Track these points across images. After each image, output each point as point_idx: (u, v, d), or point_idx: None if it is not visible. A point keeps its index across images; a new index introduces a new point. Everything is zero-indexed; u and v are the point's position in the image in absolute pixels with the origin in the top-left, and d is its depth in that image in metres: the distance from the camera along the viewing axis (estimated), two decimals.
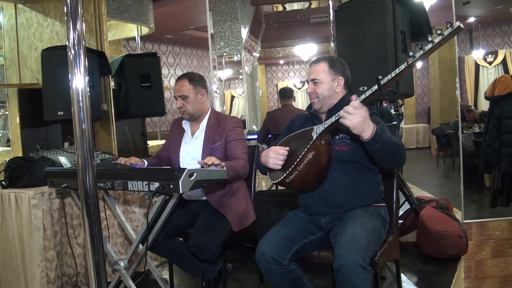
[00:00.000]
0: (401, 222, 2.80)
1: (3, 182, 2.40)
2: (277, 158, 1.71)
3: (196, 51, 9.23)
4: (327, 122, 1.61)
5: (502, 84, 3.76)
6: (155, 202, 1.76)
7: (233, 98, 11.55)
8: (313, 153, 1.63)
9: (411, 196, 2.90)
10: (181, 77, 2.18)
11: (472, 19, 7.90)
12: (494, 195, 3.93)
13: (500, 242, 3.41)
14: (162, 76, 4.05)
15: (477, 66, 8.73)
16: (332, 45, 4.09)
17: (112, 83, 3.45)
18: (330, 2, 4.13)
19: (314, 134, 1.65)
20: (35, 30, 3.37)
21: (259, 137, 4.34)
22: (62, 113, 2.67)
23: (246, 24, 6.11)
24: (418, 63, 1.42)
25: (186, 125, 2.25)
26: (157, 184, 1.60)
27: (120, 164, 2.04)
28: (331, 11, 4.07)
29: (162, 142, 2.85)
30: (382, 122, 1.74)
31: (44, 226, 2.23)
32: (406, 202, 2.93)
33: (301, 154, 1.62)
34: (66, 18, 1.11)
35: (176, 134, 2.29)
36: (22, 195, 2.23)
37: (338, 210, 1.76)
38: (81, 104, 1.12)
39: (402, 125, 9.19)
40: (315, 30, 9.16)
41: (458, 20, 1.37)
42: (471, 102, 8.54)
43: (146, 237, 1.84)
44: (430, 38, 1.35)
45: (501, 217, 3.54)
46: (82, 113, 1.12)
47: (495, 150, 3.85)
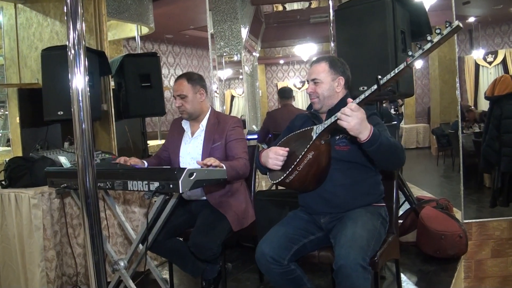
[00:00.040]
0: (401, 222, 2.80)
1: (3, 182, 2.39)
2: (276, 158, 1.71)
3: (196, 51, 9.23)
4: (327, 123, 1.62)
5: (502, 84, 3.76)
6: (155, 202, 1.76)
7: (233, 98, 11.56)
8: (312, 153, 1.63)
9: (411, 196, 2.90)
10: (180, 76, 2.19)
11: (472, 19, 7.90)
12: (494, 195, 3.93)
13: (500, 242, 3.41)
14: (162, 76, 4.06)
15: (477, 66, 8.73)
16: (332, 45, 4.09)
17: (112, 83, 3.45)
18: (330, 2, 4.13)
19: (314, 134, 1.65)
20: (35, 30, 3.37)
21: (259, 137, 4.34)
22: (62, 113, 2.67)
23: (246, 24, 6.11)
24: (417, 63, 1.42)
25: (186, 124, 2.25)
26: (157, 183, 1.61)
27: (120, 164, 2.04)
28: (331, 11, 4.07)
29: (162, 142, 2.85)
30: (382, 122, 1.75)
31: (44, 226, 2.23)
32: (406, 202, 2.92)
33: (300, 154, 1.62)
34: (66, 18, 1.11)
35: (176, 134, 2.29)
36: (22, 195, 2.23)
37: (338, 210, 1.76)
38: (81, 104, 1.12)
39: (402, 125, 9.18)
40: (315, 30, 9.16)
41: (458, 20, 1.37)
42: (471, 102, 8.55)
43: (146, 237, 1.85)
44: (429, 38, 1.35)
45: (501, 217, 3.54)
46: (82, 113, 1.12)
47: (495, 150, 3.85)
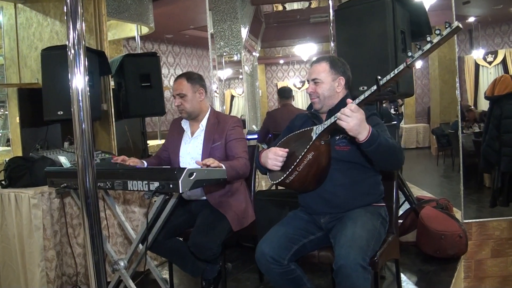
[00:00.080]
0: (401, 222, 2.80)
1: (3, 182, 2.39)
2: (276, 159, 1.71)
3: (196, 51, 9.23)
4: (326, 123, 1.61)
5: (502, 84, 3.76)
6: (155, 201, 1.76)
7: (233, 97, 11.56)
8: (312, 153, 1.62)
9: (411, 195, 2.89)
10: (179, 76, 2.19)
11: (472, 19, 7.90)
12: (494, 195, 3.93)
13: (500, 242, 3.42)
14: (162, 75, 4.06)
15: (477, 66, 8.73)
16: (332, 45, 4.09)
17: (112, 83, 3.45)
18: (330, 2, 4.13)
19: (314, 135, 1.64)
20: (35, 29, 3.37)
21: (259, 137, 4.34)
22: (62, 112, 2.67)
23: (246, 23, 6.10)
24: (417, 63, 1.42)
25: (185, 124, 2.25)
26: (157, 183, 1.61)
27: (119, 163, 2.04)
28: (331, 11, 4.07)
29: (162, 141, 2.85)
30: (382, 122, 1.75)
31: (44, 226, 2.23)
32: (406, 202, 2.92)
33: (300, 155, 1.61)
34: (66, 18, 1.11)
35: (175, 133, 2.29)
36: (22, 195, 2.23)
37: (338, 210, 1.76)
38: (81, 104, 1.12)
39: (402, 125, 9.19)
40: (315, 30, 9.16)
41: (458, 20, 1.37)
42: (471, 102, 8.55)
43: (146, 236, 1.85)
44: (428, 38, 1.35)
45: (501, 217, 3.54)
46: (82, 113, 1.12)
47: (495, 150, 3.85)
